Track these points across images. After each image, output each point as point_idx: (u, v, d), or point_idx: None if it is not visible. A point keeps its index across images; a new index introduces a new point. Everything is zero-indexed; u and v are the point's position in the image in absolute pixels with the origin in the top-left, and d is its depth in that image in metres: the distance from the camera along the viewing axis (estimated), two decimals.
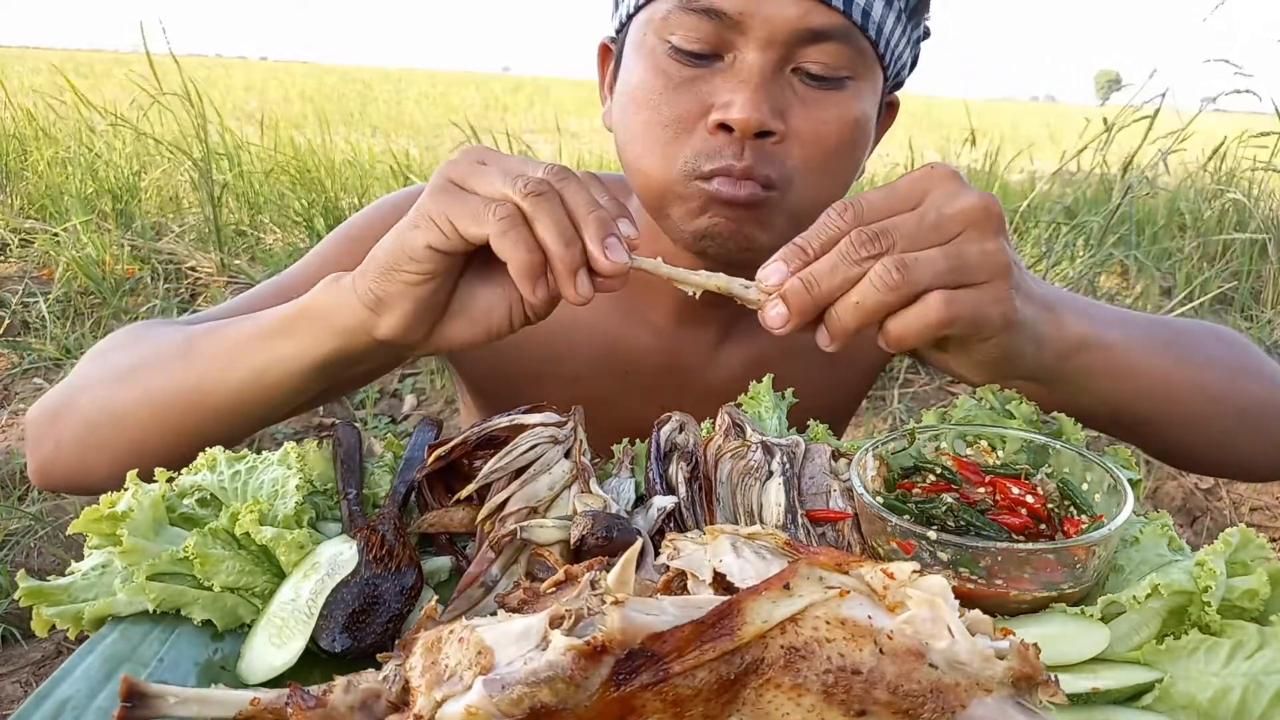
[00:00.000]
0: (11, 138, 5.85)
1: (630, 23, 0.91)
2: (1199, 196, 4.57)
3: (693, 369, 1.06)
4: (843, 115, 0.86)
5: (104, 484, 0.87)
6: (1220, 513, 2.82)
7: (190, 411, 0.81)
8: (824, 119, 0.85)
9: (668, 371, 1.06)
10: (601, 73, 1.00)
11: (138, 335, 0.90)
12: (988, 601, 0.62)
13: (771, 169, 0.85)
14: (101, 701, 0.58)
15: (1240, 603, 0.60)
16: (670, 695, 0.44)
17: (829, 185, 0.90)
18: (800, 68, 0.84)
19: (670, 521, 0.73)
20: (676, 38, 0.84)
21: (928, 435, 0.80)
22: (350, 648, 0.63)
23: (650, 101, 0.86)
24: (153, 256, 4.27)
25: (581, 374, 1.05)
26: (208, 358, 0.81)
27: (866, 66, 0.87)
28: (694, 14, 0.82)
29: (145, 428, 0.83)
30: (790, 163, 0.86)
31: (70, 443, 0.86)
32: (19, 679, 2.07)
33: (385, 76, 26.22)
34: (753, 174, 0.84)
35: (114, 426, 0.84)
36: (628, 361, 1.06)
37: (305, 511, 0.74)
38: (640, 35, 0.88)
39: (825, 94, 0.85)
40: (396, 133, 9.33)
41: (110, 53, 28.37)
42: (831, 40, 0.83)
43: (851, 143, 0.88)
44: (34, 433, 0.88)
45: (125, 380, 0.85)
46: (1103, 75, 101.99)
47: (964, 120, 6.63)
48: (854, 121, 0.87)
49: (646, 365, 1.06)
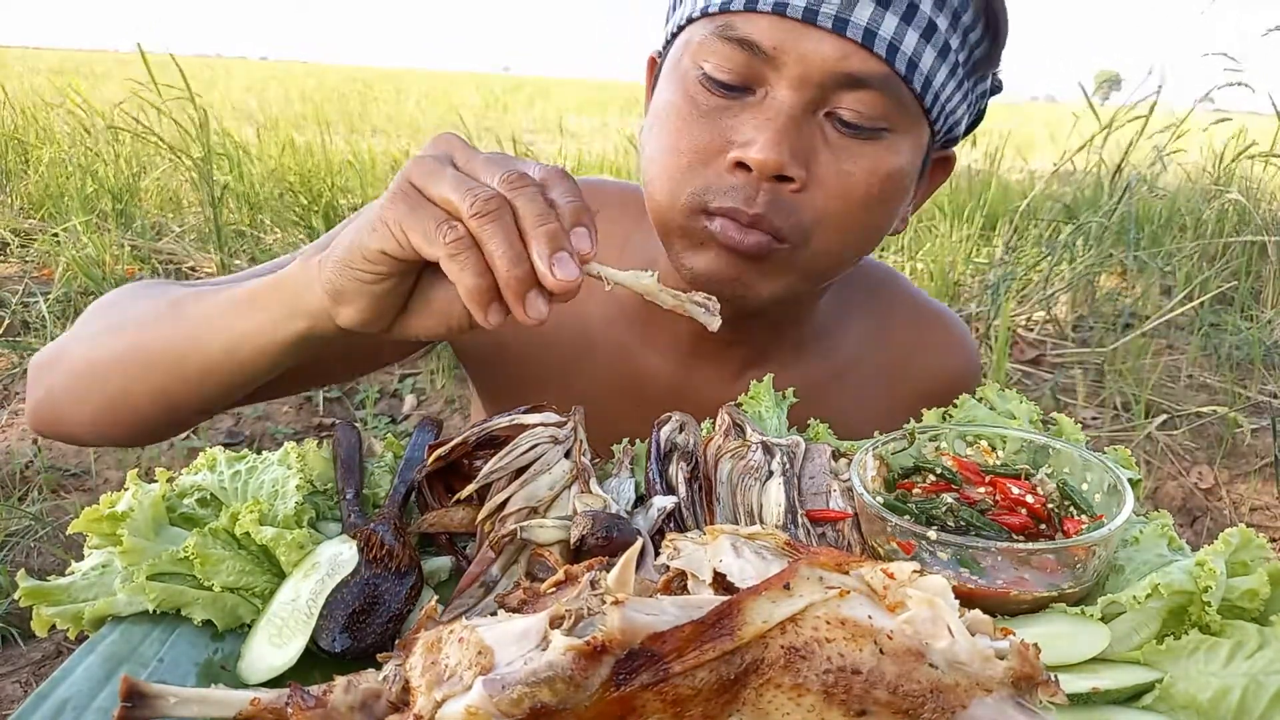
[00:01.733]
0: (11, 138, 5.85)
1: (674, 40, 0.88)
2: (1199, 196, 4.57)
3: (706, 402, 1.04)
4: (874, 168, 0.81)
5: (86, 434, 0.87)
6: (1220, 513, 2.82)
7: (170, 373, 0.80)
8: (851, 170, 0.81)
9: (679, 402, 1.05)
10: (649, 87, 0.96)
11: (136, 293, 0.90)
12: (988, 601, 0.62)
13: (784, 220, 0.80)
14: (101, 701, 0.58)
15: (1240, 603, 0.60)
16: (670, 695, 0.44)
17: (851, 242, 0.86)
18: (834, 113, 0.80)
19: (670, 521, 0.73)
20: (709, 65, 0.80)
21: (928, 435, 0.81)
22: (350, 648, 0.63)
23: (673, 126, 0.83)
24: (153, 256, 4.27)
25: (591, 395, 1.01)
26: (191, 321, 0.79)
27: (909, 119, 0.82)
28: (729, 43, 0.79)
29: (126, 384, 0.82)
30: (808, 215, 0.81)
31: (60, 389, 0.86)
32: (19, 679, 2.07)
33: (385, 76, 26.23)
34: (761, 223, 0.80)
35: (97, 379, 0.83)
36: (640, 388, 1.03)
37: (305, 511, 0.74)
38: (678, 56, 0.85)
39: (858, 144, 0.80)
40: (396, 133, 9.33)
41: (110, 53, 28.37)
42: (870, 88, 0.78)
43: (880, 198, 0.83)
44: (32, 376, 0.89)
45: (114, 335, 0.84)
46: (1102, 75, 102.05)
47: None
48: (885, 175, 0.82)
49: (658, 394, 1.03)
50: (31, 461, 2.82)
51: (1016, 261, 4.23)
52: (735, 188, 0.80)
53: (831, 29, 0.76)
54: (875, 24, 0.77)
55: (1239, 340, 3.62)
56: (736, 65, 0.79)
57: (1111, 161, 4.14)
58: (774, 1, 0.77)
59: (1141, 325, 3.66)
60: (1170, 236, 4.38)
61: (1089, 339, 3.87)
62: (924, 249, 4.48)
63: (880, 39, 0.77)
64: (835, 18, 0.76)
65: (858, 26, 0.76)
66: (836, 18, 0.76)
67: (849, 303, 1.07)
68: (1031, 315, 4.01)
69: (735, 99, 0.81)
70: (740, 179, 0.80)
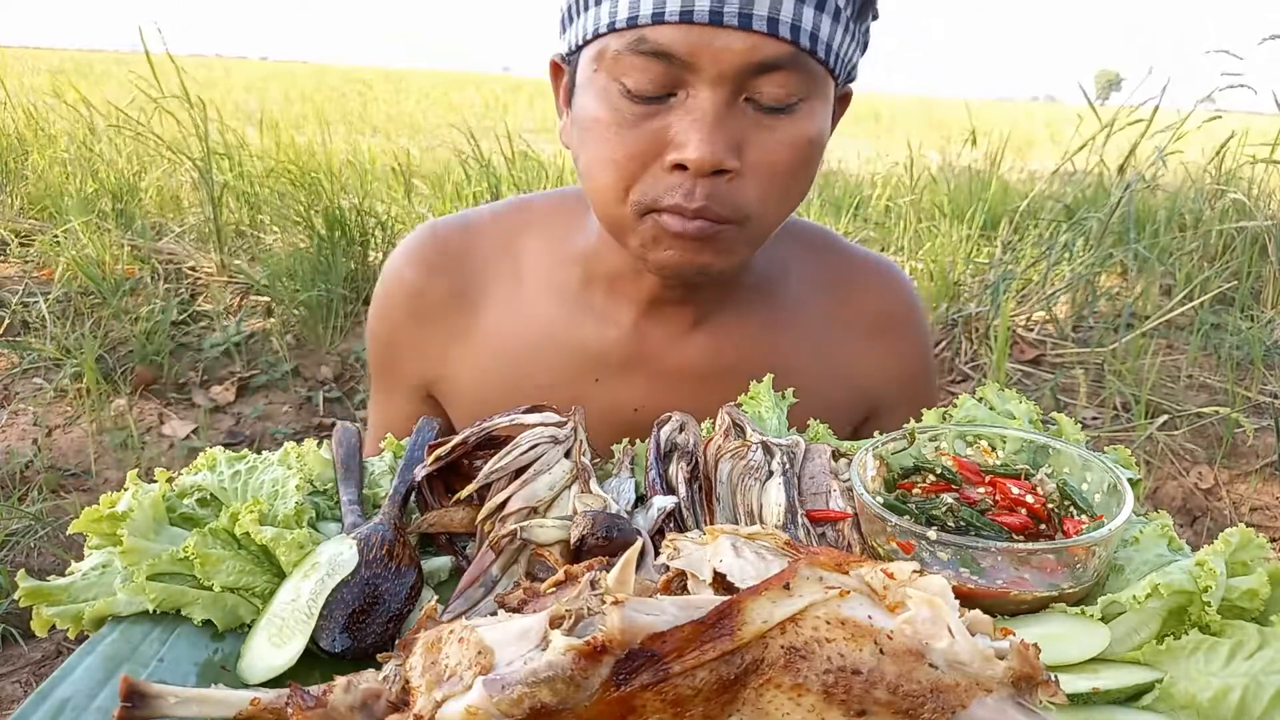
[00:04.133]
0: (11, 138, 5.85)
1: (580, 53, 0.90)
2: (1199, 196, 4.57)
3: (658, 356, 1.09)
4: (796, 140, 0.87)
5: None
6: (1220, 513, 2.82)
7: None
8: (778, 148, 0.86)
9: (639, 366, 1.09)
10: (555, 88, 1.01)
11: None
12: (988, 601, 0.62)
13: (725, 207, 0.86)
14: (101, 701, 0.58)
15: (1240, 603, 0.60)
16: (670, 695, 0.44)
17: (787, 207, 0.93)
18: (752, 98, 0.85)
19: (670, 521, 0.73)
20: (630, 80, 0.84)
21: (928, 435, 0.81)
22: (350, 648, 0.63)
23: (604, 138, 0.87)
24: (153, 256, 4.27)
25: (554, 381, 1.08)
26: None
27: (818, 84, 0.88)
28: (644, 56, 0.83)
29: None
30: (747, 196, 0.87)
31: None
32: (19, 679, 2.07)
33: (385, 76, 26.21)
34: (704, 213, 0.86)
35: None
36: (596, 359, 1.09)
37: (305, 511, 0.74)
38: (591, 70, 0.88)
39: (778, 120, 0.86)
40: (396, 133, 9.33)
41: (110, 53, 28.36)
42: (781, 69, 0.83)
43: (805, 163, 0.89)
44: None
45: None
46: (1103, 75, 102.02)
47: (964, 120, 6.63)
48: (808, 143, 0.88)
49: (614, 360, 1.09)
50: (31, 461, 2.82)
51: (1016, 261, 4.23)
52: (676, 186, 0.85)
53: (738, 25, 0.80)
54: (776, 10, 0.81)
55: (1239, 340, 3.62)
56: (655, 75, 0.83)
57: (1112, 162, 4.14)
58: (680, 10, 0.80)
59: (1141, 325, 3.65)
60: (1170, 235, 4.37)
61: (1089, 339, 3.87)
62: (924, 249, 4.48)
63: (784, 24, 0.82)
64: (739, 14, 0.80)
65: (761, 18, 0.81)
66: (740, 14, 0.80)
67: (789, 259, 1.14)
68: (1031, 315, 4.01)
69: (659, 104, 0.85)
70: (679, 178, 0.85)
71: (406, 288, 1.13)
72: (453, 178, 5.18)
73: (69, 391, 3.24)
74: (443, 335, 1.13)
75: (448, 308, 1.12)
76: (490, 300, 1.12)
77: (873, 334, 1.16)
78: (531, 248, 1.12)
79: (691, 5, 0.80)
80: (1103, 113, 4.07)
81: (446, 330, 1.13)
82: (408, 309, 1.13)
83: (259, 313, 3.96)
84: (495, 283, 1.12)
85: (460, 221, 1.16)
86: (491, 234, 1.14)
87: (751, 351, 1.08)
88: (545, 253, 1.11)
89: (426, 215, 4.78)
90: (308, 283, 3.81)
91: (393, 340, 1.15)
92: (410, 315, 1.13)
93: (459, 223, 1.16)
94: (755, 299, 1.11)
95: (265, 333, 3.74)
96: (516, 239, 1.13)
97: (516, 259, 1.12)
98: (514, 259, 1.12)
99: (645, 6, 0.82)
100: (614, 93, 0.86)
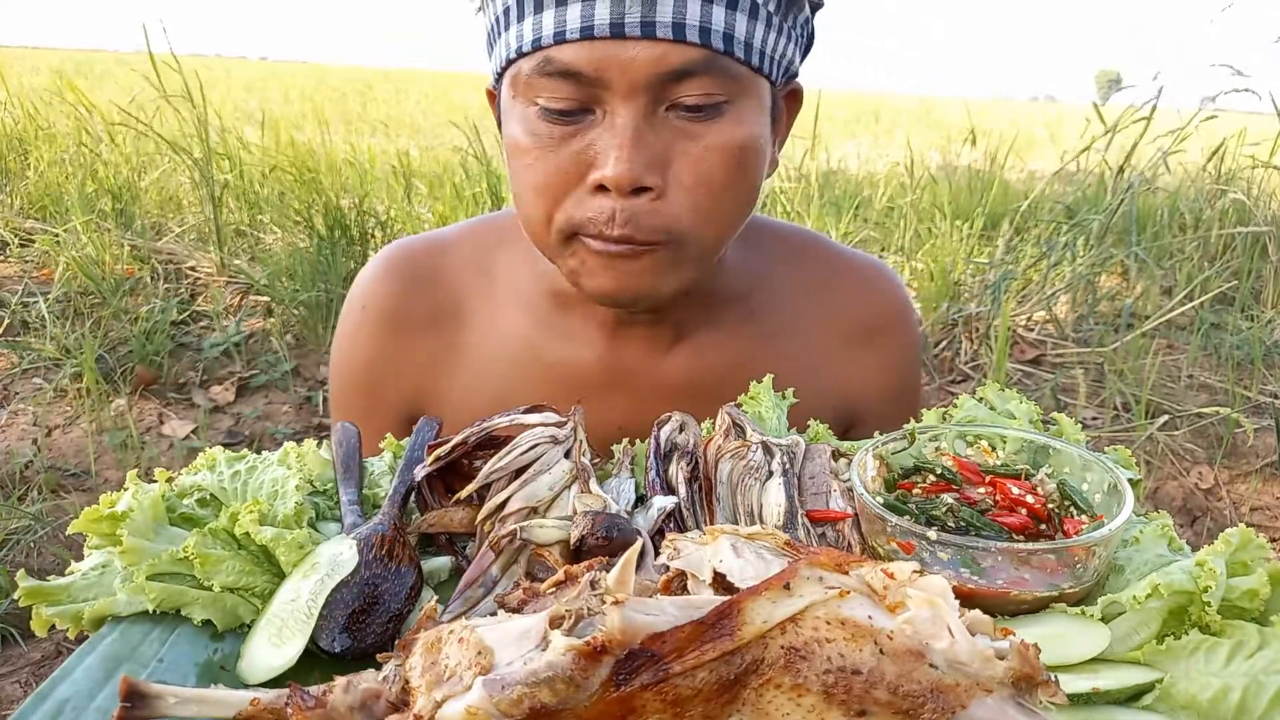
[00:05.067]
0: (11, 138, 5.85)
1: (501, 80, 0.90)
2: (1200, 196, 4.57)
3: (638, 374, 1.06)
4: (726, 145, 0.83)
5: None
6: (1220, 513, 2.82)
7: None
8: (706, 156, 0.83)
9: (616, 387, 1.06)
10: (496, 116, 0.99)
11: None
12: (988, 601, 0.62)
13: (648, 231, 0.83)
14: (101, 701, 0.58)
15: (1240, 603, 0.60)
16: (670, 695, 0.44)
17: (727, 217, 0.89)
18: (674, 104, 0.82)
19: (670, 521, 0.73)
20: (543, 100, 0.83)
21: (928, 435, 0.80)
22: (350, 648, 0.63)
23: (528, 163, 0.85)
24: (153, 256, 4.27)
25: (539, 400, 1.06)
26: None
27: (743, 84, 0.84)
28: (552, 78, 0.81)
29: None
30: (675, 213, 0.84)
31: None
32: (19, 679, 2.07)
33: (385, 76, 26.21)
34: (628, 239, 0.83)
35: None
36: (578, 379, 1.06)
37: (305, 511, 0.74)
38: (510, 96, 0.87)
39: (704, 125, 0.83)
40: (396, 133, 9.33)
41: (110, 53, 28.35)
42: (696, 74, 0.80)
43: (740, 169, 0.85)
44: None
45: None
46: (1103, 75, 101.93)
47: (964, 120, 6.63)
48: (739, 147, 0.84)
49: (594, 379, 1.07)
50: (31, 461, 2.82)
51: (1017, 261, 4.23)
52: (600, 209, 0.83)
53: (641, 35, 0.78)
54: (680, 15, 0.78)
55: (1239, 340, 3.62)
56: (567, 94, 0.82)
57: (1114, 162, 4.13)
58: (580, 27, 0.79)
59: (1142, 325, 3.65)
60: (1170, 235, 4.37)
61: (1089, 339, 3.87)
62: (924, 249, 4.48)
63: (690, 28, 0.79)
64: (641, 24, 0.78)
65: (665, 25, 0.78)
66: (643, 23, 0.78)
67: (772, 266, 1.11)
68: (1032, 315, 4.01)
69: (577, 122, 0.83)
70: (601, 199, 0.83)
71: (384, 308, 1.10)
72: (453, 178, 5.17)
73: (69, 391, 3.24)
74: (425, 356, 1.10)
75: (428, 327, 1.09)
76: (469, 319, 1.09)
77: (856, 343, 1.12)
78: (504, 266, 1.09)
79: (591, 20, 0.78)
80: (1104, 113, 4.07)
81: (428, 350, 1.10)
82: (387, 329, 1.10)
83: (259, 313, 3.97)
84: (472, 301, 1.10)
85: (430, 240, 1.13)
86: (463, 252, 1.11)
87: (732, 366, 1.05)
88: (518, 271, 1.09)
89: (426, 215, 4.78)
90: (308, 282, 3.81)
91: (373, 362, 1.11)
92: (390, 336, 1.10)
93: (429, 241, 1.13)
94: (736, 311, 1.08)
95: (265, 333, 3.74)
96: (488, 257, 1.11)
97: (491, 277, 1.10)
98: (489, 277, 1.10)
99: (547, 27, 0.80)
100: (531, 117, 0.84)
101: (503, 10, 0.85)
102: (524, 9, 0.82)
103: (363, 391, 1.13)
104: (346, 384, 1.14)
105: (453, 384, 1.10)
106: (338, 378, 1.15)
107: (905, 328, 1.16)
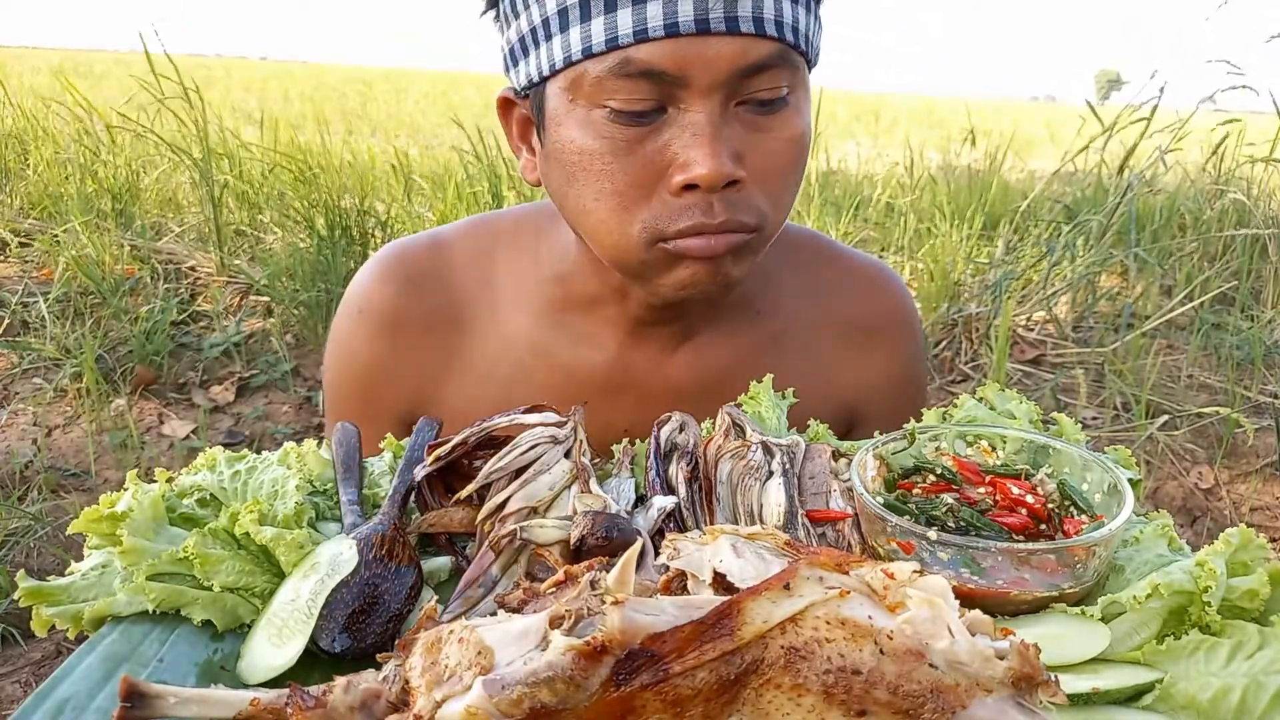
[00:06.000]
0: (11, 138, 5.85)
1: (545, 85, 0.85)
2: (1199, 196, 4.57)
3: (645, 377, 1.06)
4: (790, 136, 0.85)
5: None
6: (1220, 513, 2.82)
7: None
8: (777, 147, 0.84)
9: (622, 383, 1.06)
10: (506, 126, 0.97)
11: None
12: (988, 601, 0.62)
13: (746, 214, 0.84)
14: (101, 701, 0.58)
15: (1240, 603, 0.60)
16: (670, 695, 0.44)
17: (789, 206, 0.91)
18: (745, 100, 0.82)
19: (670, 521, 0.73)
20: (616, 102, 0.80)
21: (928, 435, 0.80)
22: (350, 648, 0.63)
23: (600, 169, 0.83)
24: (153, 256, 4.27)
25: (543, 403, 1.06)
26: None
27: (801, 77, 0.86)
28: (630, 78, 0.79)
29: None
30: (758, 201, 0.85)
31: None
32: (19, 679, 2.07)
33: (385, 76, 26.21)
34: (729, 225, 0.83)
35: None
36: (583, 381, 1.06)
37: (305, 511, 0.74)
38: (565, 101, 0.84)
39: (771, 119, 0.84)
40: (396, 133, 9.33)
41: (110, 53, 28.35)
42: (771, 69, 0.81)
43: (801, 156, 0.88)
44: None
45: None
46: (1103, 75, 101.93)
47: (964, 120, 6.63)
48: (800, 137, 0.86)
49: (600, 382, 1.06)
50: (31, 461, 2.82)
51: (1017, 261, 4.23)
52: (690, 207, 0.82)
53: (726, 31, 0.78)
54: (758, 10, 0.78)
55: (1239, 340, 3.62)
56: (645, 94, 0.80)
57: (1113, 162, 4.13)
58: (664, 24, 0.77)
59: (1142, 325, 3.65)
60: (1170, 235, 4.37)
61: (1089, 339, 3.87)
62: (924, 249, 4.48)
63: (767, 22, 0.79)
64: (726, 19, 0.77)
65: (746, 19, 0.78)
66: (727, 19, 0.77)
67: (778, 268, 1.11)
68: (1032, 315, 4.01)
69: (649, 123, 0.81)
70: (691, 199, 0.82)
71: (383, 309, 1.08)
72: (454, 178, 5.17)
73: (69, 391, 3.24)
74: (427, 358, 1.08)
75: (428, 329, 1.08)
76: (470, 321, 1.08)
77: (857, 344, 1.13)
78: (504, 267, 1.08)
79: (675, 17, 0.76)
80: (1103, 113, 4.07)
81: (430, 353, 1.08)
82: (387, 332, 1.08)
83: (259, 313, 3.97)
84: (472, 303, 1.08)
85: (427, 240, 1.11)
86: (462, 252, 1.09)
87: (737, 368, 1.05)
88: (519, 272, 1.07)
89: (427, 215, 4.77)
90: (308, 282, 3.81)
91: (370, 368, 1.09)
92: (390, 338, 1.08)
93: (426, 241, 1.11)
94: (741, 313, 1.08)
95: (265, 333, 3.74)
96: (488, 257, 1.09)
97: (490, 279, 1.08)
98: (488, 279, 1.08)
99: (625, 25, 0.78)
100: (599, 119, 0.81)
101: (556, 11, 0.81)
102: (589, 9, 0.79)
103: (360, 397, 1.11)
104: (343, 389, 1.13)
105: (454, 388, 1.09)
106: (334, 383, 1.14)
107: (907, 329, 1.16)
